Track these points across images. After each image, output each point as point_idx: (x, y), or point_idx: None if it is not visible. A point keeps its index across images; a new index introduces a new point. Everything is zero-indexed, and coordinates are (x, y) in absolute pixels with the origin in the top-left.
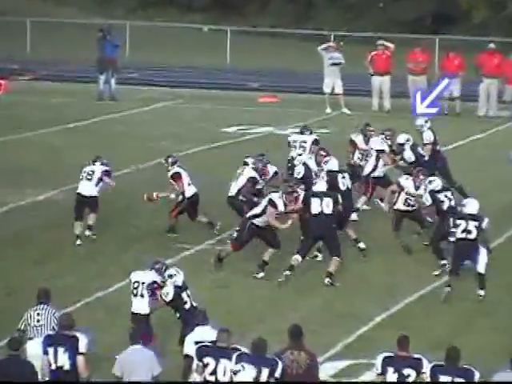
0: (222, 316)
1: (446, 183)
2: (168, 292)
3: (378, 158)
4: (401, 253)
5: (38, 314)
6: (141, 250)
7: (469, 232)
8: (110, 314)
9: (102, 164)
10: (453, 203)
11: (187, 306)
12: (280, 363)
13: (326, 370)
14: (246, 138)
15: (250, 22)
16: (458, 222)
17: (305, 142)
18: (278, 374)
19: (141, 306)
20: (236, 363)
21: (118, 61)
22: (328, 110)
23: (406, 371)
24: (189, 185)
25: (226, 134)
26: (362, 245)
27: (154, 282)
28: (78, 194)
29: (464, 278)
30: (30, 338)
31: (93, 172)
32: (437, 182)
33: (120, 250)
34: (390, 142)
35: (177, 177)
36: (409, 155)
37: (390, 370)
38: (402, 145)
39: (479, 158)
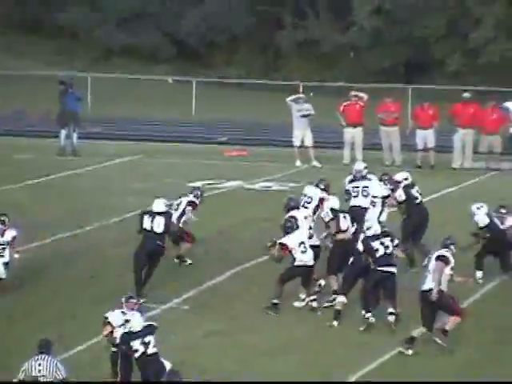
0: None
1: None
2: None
3: (383, 204)
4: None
5: (40, 364)
6: (107, 311)
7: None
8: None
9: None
10: (388, 251)
11: (137, 355)
12: None
13: None
14: (214, 192)
15: (217, 73)
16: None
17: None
18: None
19: None
20: None
21: (80, 114)
22: (298, 163)
23: None
24: None
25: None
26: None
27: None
28: None
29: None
30: None
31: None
32: (374, 229)
33: (88, 311)
34: (389, 186)
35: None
36: (400, 193)
37: None
38: (399, 182)
39: (453, 212)
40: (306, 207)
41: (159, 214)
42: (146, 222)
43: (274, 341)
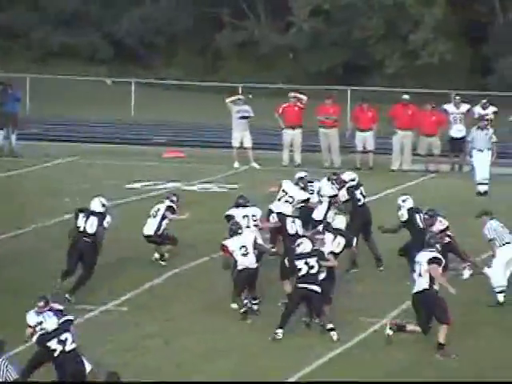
0: (127, 380)
1: None
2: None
3: (330, 204)
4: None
5: None
6: None
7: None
8: None
9: None
10: (312, 271)
11: (56, 354)
12: None
13: None
14: (152, 194)
15: (156, 75)
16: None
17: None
18: None
19: None
20: None
21: (18, 115)
22: (236, 165)
23: None
24: None
25: (131, 190)
26: None
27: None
28: None
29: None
30: None
31: None
32: (303, 247)
33: (21, 317)
34: (337, 186)
35: None
36: (343, 193)
37: None
38: (345, 182)
39: (391, 213)
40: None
41: (94, 213)
42: (80, 222)
43: (211, 343)
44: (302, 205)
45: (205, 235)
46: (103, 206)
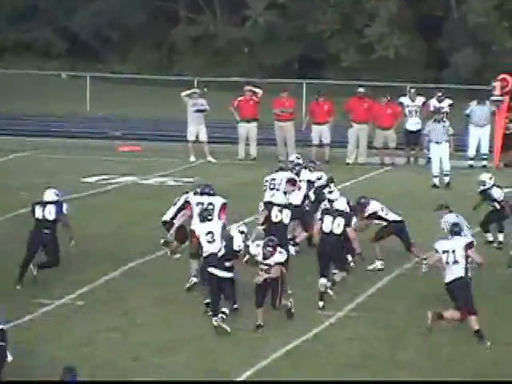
0: (83, 375)
1: None
2: None
3: (309, 189)
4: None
5: None
6: None
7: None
8: None
9: None
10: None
11: None
12: None
13: None
14: (108, 188)
15: (112, 69)
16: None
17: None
18: None
19: None
20: None
21: None
22: (192, 159)
23: None
24: None
25: (87, 185)
26: None
27: None
28: None
29: (342, 328)
30: None
31: None
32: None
33: None
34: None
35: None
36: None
37: None
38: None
39: None
40: (272, 189)
41: (50, 203)
42: (38, 212)
43: (168, 336)
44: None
45: (161, 229)
46: (56, 195)
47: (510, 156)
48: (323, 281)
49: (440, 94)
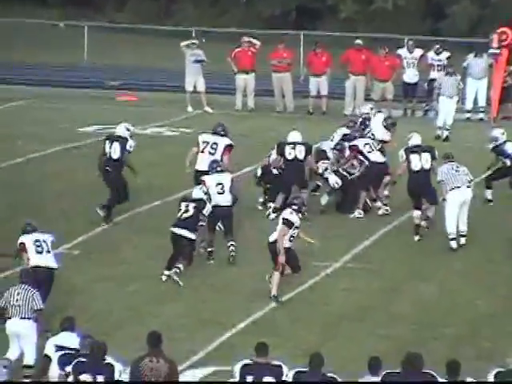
0: (80, 323)
1: None
2: None
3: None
4: (267, 258)
5: (18, 293)
6: None
7: None
8: None
9: None
10: (185, 215)
11: None
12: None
13: (186, 378)
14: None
15: (109, 19)
16: None
17: (216, 144)
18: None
19: None
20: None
21: None
22: (189, 109)
23: (266, 379)
24: None
25: (84, 134)
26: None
27: None
28: None
29: (327, 283)
30: (9, 318)
31: None
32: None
33: None
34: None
35: None
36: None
37: (249, 377)
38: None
39: None
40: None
41: (117, 140)
42: (106, 148)
43: (163, 287)
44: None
45: (157, 179)
46: (128, 130)
47: (507, 109)
48: (418, 213)
49: (438, 47)
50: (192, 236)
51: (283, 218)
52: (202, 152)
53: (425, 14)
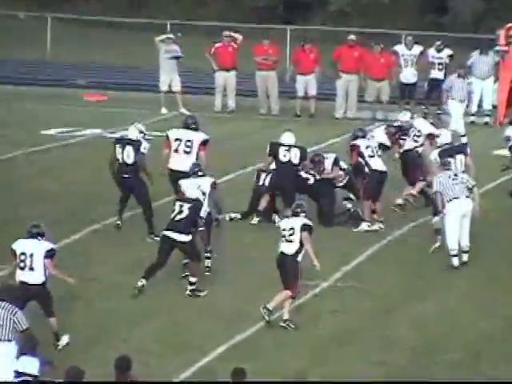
0: (42, 346)
1: None
2: None
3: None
4: (252, 275)
5: None
6: None
7: None
8: None
9: None
10: (179, 217)
11: None
12: None
13: None
14: (71, 141)
15: (76, 10)
16: None
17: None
18: None
19: None
20: None
21: None
22: (164, 110)
23: None
24: None
25: (47, 137)
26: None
27: None
28: None
29: (312, 304)
30: None
31: None
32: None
33: None
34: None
35: None
36: None
37: None
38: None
39: None
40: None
41: (130, 143)
42: (118, 153)
43: (136, 305)
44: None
45: None
46: (141, 132)
47: None
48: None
49: (439, 43)
50: (186, 238)
51: (305, 225)
52: (176, 151)
53: (424, 7)
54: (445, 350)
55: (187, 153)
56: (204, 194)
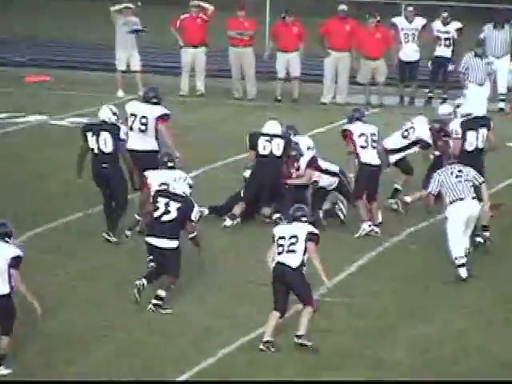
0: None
1: None
2: None
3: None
4: (224, 287)
5: None
6: None
7: None
8: None
9: None
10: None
11: None
12: None
13: None
14: (12, 128)
15: None
16: None
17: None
18: None
19: None
20: None
21: None
22: (120, 93)
23: None
24: None
25: None
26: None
27: None
28: None
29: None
30: None
31: None
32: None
33: None
34: None
35: None
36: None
37: None
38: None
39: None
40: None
41: (105, 128)
42: (91, 142)
43: (85, 325)
44: None
45: (77, 184)
46: (114, 114)
47: None
48: None
49: (445, 15)
50: (173, 244)
51: (311, 233)
52: (131, 129)
53: None
54: (449, 376)
55: (142, 131)
56: (191, 187)
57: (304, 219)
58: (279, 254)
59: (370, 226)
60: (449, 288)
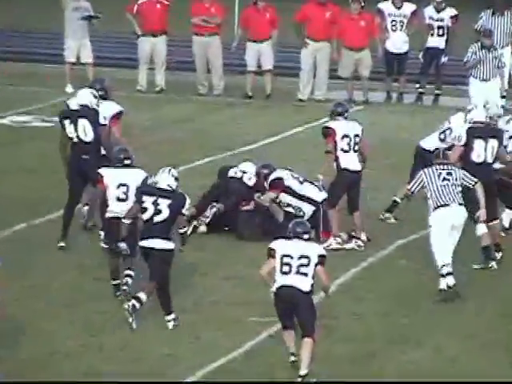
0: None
1: None
2: None
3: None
4: (186, 312)
5: None
6: None
7: None
8: None
9: None
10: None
11: None
12: None
13: None
14: None
15: None
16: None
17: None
18: None
19: None
20: None
21: None
22: (69, 89)
23: None
24: None
25: None
26: None
27: None
28: None
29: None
30: None
31: None
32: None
33: None
34: None
35: None
36: None
37: None
38: None
39: (299, 161)
40: None
41: (83, 114)
42: (69, 130)
43: (47, 344)
44: None
45: (22, 190)
46: (95, 97)
47: None
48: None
49: (439, 0)
50: (168, 246)
51: (322, 256)
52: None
53: None
54: None
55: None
56: (177, 179)
57: (306, 237)
58: (284, 273)
59: (337, 243)
60: (442, 308)
